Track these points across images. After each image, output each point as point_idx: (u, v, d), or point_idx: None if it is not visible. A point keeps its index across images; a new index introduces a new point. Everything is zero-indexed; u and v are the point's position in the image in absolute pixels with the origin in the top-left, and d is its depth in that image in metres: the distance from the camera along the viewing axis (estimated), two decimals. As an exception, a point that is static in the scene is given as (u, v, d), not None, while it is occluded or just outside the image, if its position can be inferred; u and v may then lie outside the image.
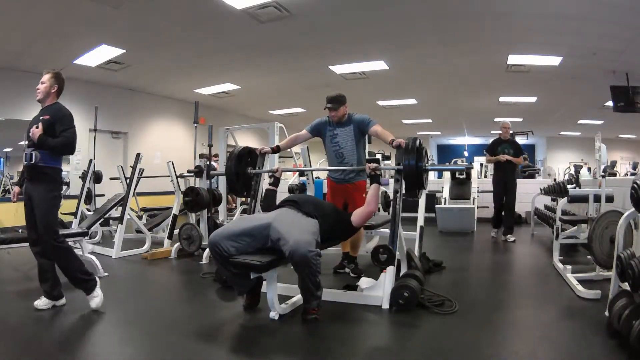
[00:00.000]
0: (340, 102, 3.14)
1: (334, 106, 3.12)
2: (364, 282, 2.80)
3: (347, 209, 3.19)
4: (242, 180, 3.17)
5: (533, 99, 8.87)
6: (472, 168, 7.27)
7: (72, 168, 7.42)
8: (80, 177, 5.94)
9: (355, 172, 3.23)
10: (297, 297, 2.57)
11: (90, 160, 5.47)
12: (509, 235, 5.21)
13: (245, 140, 9.12)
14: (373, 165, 2.84)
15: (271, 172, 3.09)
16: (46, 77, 2.57)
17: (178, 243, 4.44)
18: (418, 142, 2.72)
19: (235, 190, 3.27)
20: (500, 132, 5.40)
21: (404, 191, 2.80)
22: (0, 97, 6.49)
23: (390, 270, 2.64)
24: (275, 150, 3.31)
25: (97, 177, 5.67)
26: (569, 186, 4.42)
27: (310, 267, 2.24)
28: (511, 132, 5.65)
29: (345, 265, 3.48)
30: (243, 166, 3.19)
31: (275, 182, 3.05)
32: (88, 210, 5.51)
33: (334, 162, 3.29)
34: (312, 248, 2.24)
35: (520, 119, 11.06)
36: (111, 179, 6.08)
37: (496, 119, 11.33)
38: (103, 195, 5.88)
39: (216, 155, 6.41)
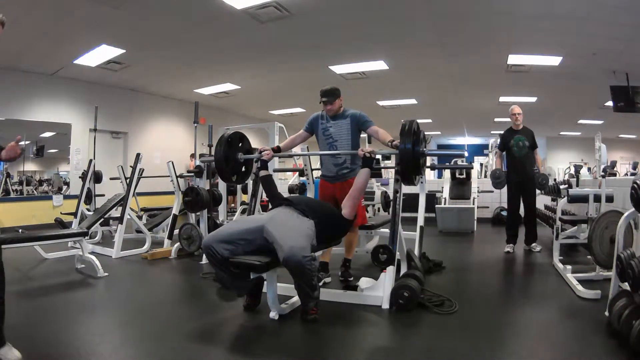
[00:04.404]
0: (335, 95, 3.08)
1: (329, 99, 3.07)
2: (364, 282, 2.79)
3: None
4: (231, 165, 2.99)
5: (533, 99, 8.87)
6: (472, 168, 7.26)
7: (72, 168, 7.44)
8: (80, 177, 5.96)
9: (349, 168, 3.15)
10: (297, 298, 2.56)
11: (90, 160, 5.49)
12: (533, 245, 4.49)
13: (245, 140, 9.11)
14: (368, 148, 2.76)
15: (258, 157, 2.94)
16: None
17: (178, 243, 4.44)
18: (415, 124, 2.60)
19: (224, 174, 3.06)
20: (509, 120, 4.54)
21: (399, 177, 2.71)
22: (0, 97, 6.50)
23: (390, 270, 2.63)
24: (276, 150, 3.29)
25: (97, 177, 5.67)
26: (561, 187, 4.43)
27: (305, 272, 2.22)
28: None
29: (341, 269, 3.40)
30: (233, 151, 3.01)
31: (263, 164, 2.91)
32: (88, 210, 5.51)
33: (326, 158, 3.21)
34: (306, 253, 2.21)
35: (520, 119, 11.06)
36: (111, 179, 6.08)
37: (496, 119, 11.37)
38: (103, 195, 5.88)
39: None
